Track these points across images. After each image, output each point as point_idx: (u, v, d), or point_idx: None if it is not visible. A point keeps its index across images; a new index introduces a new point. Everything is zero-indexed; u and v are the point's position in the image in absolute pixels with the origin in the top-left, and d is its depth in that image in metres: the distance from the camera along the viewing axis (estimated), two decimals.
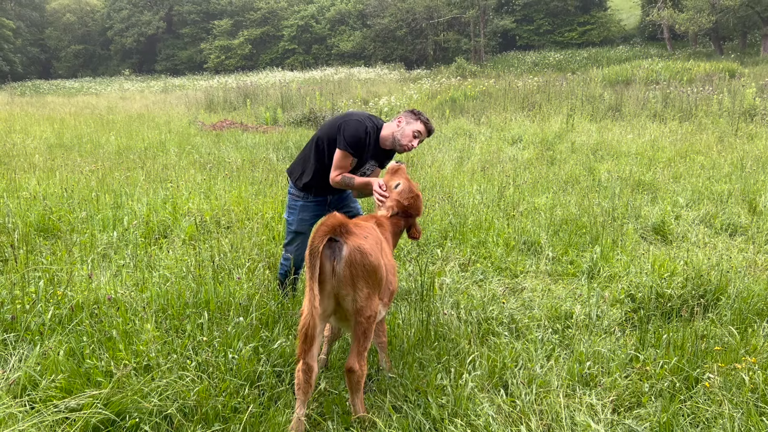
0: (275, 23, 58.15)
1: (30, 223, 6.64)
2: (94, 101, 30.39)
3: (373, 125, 4.67)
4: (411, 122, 4.59)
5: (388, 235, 3.99)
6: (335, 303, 3.36)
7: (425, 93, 24.46)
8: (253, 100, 24.25)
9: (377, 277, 3.34)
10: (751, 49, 40.54)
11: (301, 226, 4.92)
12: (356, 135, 4.52)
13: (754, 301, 4.89)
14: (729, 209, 7.85)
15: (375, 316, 3.40)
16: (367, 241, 3.34)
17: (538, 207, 8.04)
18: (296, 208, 4.93)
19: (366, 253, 3.26)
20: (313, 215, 4.93)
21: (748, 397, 3.56)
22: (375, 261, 3.30)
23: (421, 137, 4.64)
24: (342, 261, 3.23)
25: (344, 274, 3.24)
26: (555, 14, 51.13)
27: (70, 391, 3.43)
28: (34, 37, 61.75)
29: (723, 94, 18.24)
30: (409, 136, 4.55)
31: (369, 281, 3.31)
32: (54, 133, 15.71)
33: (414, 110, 4.68)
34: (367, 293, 3.31)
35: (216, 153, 12.68)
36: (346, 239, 3.25)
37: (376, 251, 3.36)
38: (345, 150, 4.53)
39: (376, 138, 4.69)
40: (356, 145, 4.53)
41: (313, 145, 4.77)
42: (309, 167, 4.80)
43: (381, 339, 4.03)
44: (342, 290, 3.29)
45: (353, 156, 4.57)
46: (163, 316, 4.46)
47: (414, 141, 4.59)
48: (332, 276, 3.24)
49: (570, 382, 3.91)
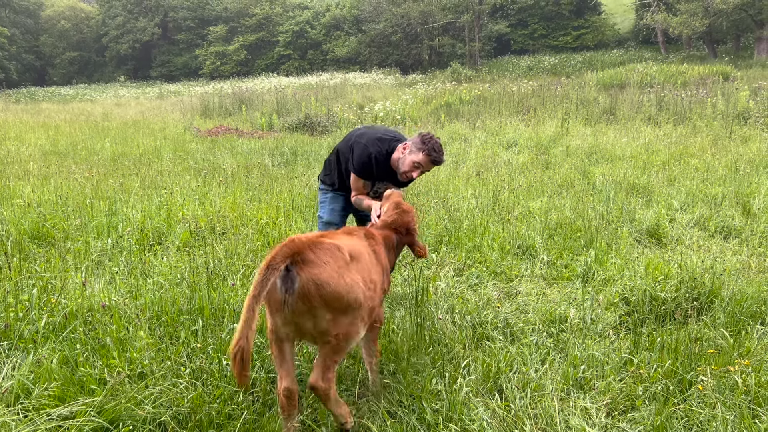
0: (270, 29, 58.21)
1: (24, 230, 6.62)
2: (90, 108, 30.34)
3: (379, 150, 4.61)
4: (414, 151, 4.44)
5: (378, 247, 3.82)
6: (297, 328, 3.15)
7: (420, 98, 24.50)
8: (248, 106, 24.25)
9: (342, 303, 3.08)
10: (744, 52, 40.72)
11: (332, 216, 5.01)
12: (360, 161, 4.60)
13: (748, 303, 4.90)
14: (723, 212, 7.88)
15: (348, 335, 3.17)
16: (325, 269, 3.03)
17: (533, 211, 8.06)
18: (326, 200, 5.05)
19: (323, 283, 2.98)
20: (343, 207, 5.04)
21: (742, 399, 3.57)
22: (335, 289, 3.02)
23: (422, 168, 4.46)
24: (294, 294, 2.97)
25: (298, 307, 3.01)
26: (549, 18, 51.33)
27: (64, 399, 3.42)
28: (29, 44, 61.70)
29: (717, 97, 18.31)
30: (408, 165, 4.45)
31: (332, 308, 3.06)
32: (49, 140, 15.68)
33: (425, 136, 4.46)
34: (330, 318, 3.07)
35: (211, 159, 12.67)
36: (300, 270, 2.98)
37: (338, 276, 3.06)
38: (354, 173, 4.68)
39: (386, 161, 4.65)
40: (362, 169, 4.64)
41: (335, 155, 4.99)
42: (333, 171, 5.01)
43: (372, 359, 3.86)
44: (298, 320, 3.07)
45: (363, 179, 4.70)
46: (157, 323, 4.45)
47: (413, 172, 4.45)
48: (284, 307, 3.00)
49: (564, 386, 3.91)
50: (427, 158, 4.38)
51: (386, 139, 4.69)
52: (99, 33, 62.93)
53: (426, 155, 4.38)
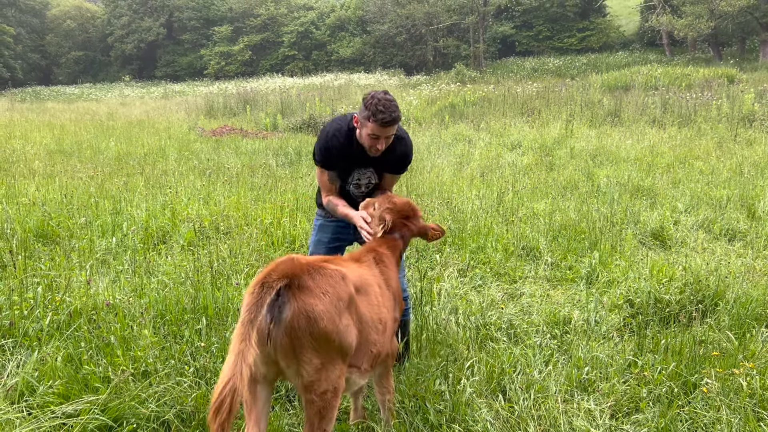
0: (275, 29, 58.27)
1: (29, 228, 6.64)
2: (95, 107, 30.42)
3: (339, 128, 3.84)
4: (363, 124, 3.67)
5: (390, 271, 3.36)
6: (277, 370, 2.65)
7: (425, 99, 24.49)
8: (252, 106, 24.28)
9: (333, 346, 2.59)
10: (749, 54, 40.63)
11: (316, 248, 4.22)
12: (319, 144, 3.89)
13: (753, 306, 4.89)
14: (728, 214, 7.86)
15: (335, 391, 2.63)
16: (322, 300, 2.55)
17: (537, 212, 8.05)
18: (315, 228, 4.28)
19: (316, 318, 2.50)
20: (333, 237, 4.21)
21: (746, 402, 3.56)
22: (328, 326, 2.54)
23: (379, 136, 3.64)
24: (281, 326, 2.49)
25: (282, 343, 2.51)
26: (554, 20, 51.25)
27: (68, 397, 3.43)
28: (34, 43, 61.83)
29: (722, 100, 18.27)
30: (367, 141, 3.70)
31: (321, 351, 2.55)
32: (54, 139, 15.73)
33: (366, 100, 3.63)
34: (318, 364, 2.55)
35: (215, 159, 12.70)
36: (292, 296, 2.52)
37: (334, 312, 2.59)
38: (317, 165, 3.98)
39: (348, 140, 3.84)
40: (321, 155, 3.89)
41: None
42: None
43: (385, 396, 3.39)
44: (281, 361, 2.56)
45: (327, 169, 3.95)
46: (161, 321, 4.46)
47: (375, 145, 3.68)
48: (267, 340, 2.49)
49: (568, 388, 3.90)
50: (376, 125, 3.57)
51: (348, 115, 3.92)
52: (104, 32, 63.03)
53: (374, 122, 3.57)
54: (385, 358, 3.20)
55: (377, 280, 3.18)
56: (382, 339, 3.05)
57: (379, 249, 3.41)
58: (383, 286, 3.20)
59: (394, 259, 3.46)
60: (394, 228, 3.56)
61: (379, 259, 3.34)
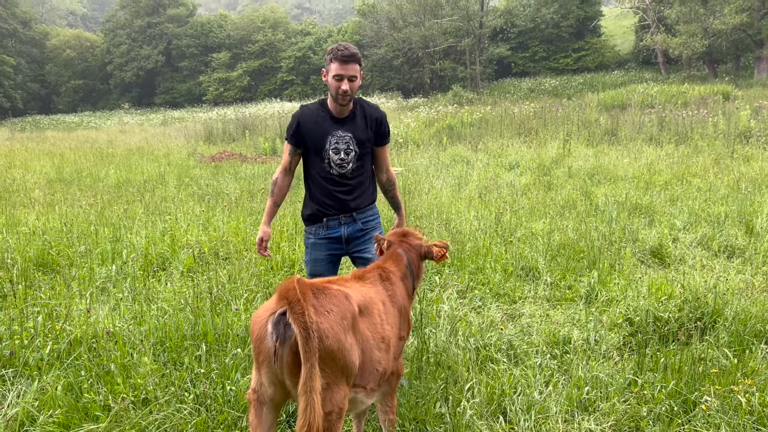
0: (273, 55, 58.78)
1: (29, 258, 6.67)
2: (94, 135, 30.59)
3: (310, 104, 4.13)
4: (327, 70, 3.91)
5: (397, 288, 3.40)
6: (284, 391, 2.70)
7: (423, 121, 24.64)
8: (251, 131, 24.43)
9: (338, 365, 2.63)
10: (744, 71, 40.90)
11: (315, 267, 4.22)
12: (290, 121, 4.14)
13: (752, 322, 4.89)
14: (726, 231, 7.88)
15: (339, 412, 2.65)
16: (327, 318, 2.60)
17: (536, 232, 8.07)
18: (308, 247, 4.27)
19: (321, 335, 2.54)
20: (327, 254, 4.23)
21: (746, 419, 3.56)
22: (333, 344, 2.58)
23: (342, 75, 3.84)
24: (287, 344, 2.55)
25: (288, 361, 2.56)
26: (550, 41, 51.71)
27: (68, 426, 3.43)
28: (34, 73, 62.37)
29: (718, 117, 18.38)
30: (333, 85, 3.88)
31: (325, 370, 2.58)
32: (54, 168, 15.81)
33: (330, 49, 3.92)
34: (323, 384, 2.57)
35: (215, 184, 12.75)
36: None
37: (339, 330, 2.63)
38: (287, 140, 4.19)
39: (318, 109, 4.09)
40: (291, 129, 4.11)
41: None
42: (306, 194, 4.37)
43: (387, 416, 3.40)
44: (287, 379, 2.61)
45: (288, 142, 4.15)
46: (161, 348, 4.47)
47: (340, 85, 3.86)
48: (274, 360, 2.59)
49: (569, 408, 3.90)
50: (337, 63, 3.81)
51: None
52: (104, 61, 63.58)
53: (335, 61, 3.83)
54: (389, 377, 3.21)
55: (381, 296, 3.22)
56: (387, 357, 3.06)
57: (383, 265, 3.48)
58: (388, 303, 3.23)
59: (399, 274, 3.49)
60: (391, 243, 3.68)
61: (385, 276, 3.39)
